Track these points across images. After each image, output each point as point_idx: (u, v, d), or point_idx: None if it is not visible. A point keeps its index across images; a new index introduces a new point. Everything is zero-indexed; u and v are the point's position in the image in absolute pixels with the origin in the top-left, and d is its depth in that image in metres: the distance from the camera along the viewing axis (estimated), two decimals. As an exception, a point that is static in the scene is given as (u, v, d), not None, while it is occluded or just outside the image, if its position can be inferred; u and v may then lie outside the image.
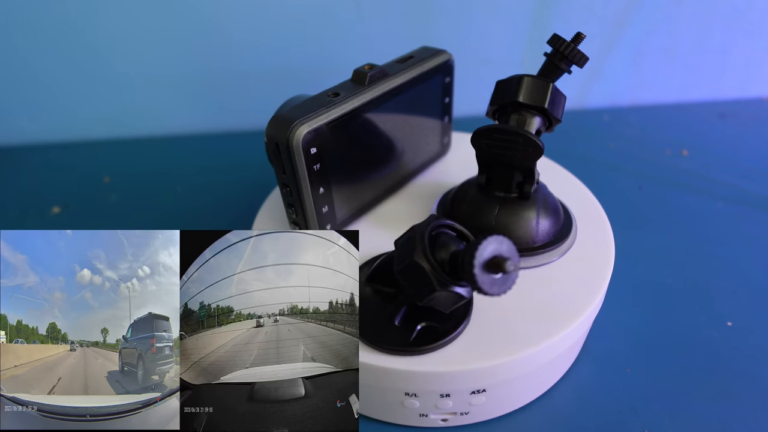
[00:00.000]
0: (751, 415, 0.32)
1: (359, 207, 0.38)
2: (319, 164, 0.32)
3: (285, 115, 0.31)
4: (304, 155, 0.31)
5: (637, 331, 0.37)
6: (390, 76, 0.35)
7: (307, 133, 0.30)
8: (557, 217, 0.35)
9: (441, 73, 0.39)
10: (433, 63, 0.38)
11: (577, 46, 0.31)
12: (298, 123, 0.30)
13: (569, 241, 0.35)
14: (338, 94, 0.33)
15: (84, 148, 0.66)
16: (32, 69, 0.61)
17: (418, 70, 0.37)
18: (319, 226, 0.35)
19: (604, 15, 0.61)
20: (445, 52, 0.39)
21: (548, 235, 0.34)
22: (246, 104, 0.66)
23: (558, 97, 0.32)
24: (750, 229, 0.46)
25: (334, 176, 0.34)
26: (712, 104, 0.68)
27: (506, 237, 0.23)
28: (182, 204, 0.54)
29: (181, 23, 0.59)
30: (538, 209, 0.33)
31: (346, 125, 0.33)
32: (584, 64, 0.31)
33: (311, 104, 0.32)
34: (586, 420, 0.32)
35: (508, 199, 0.34)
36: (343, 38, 0.61)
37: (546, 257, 0.33)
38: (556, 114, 0.32)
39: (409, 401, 0.30)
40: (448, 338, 0.28)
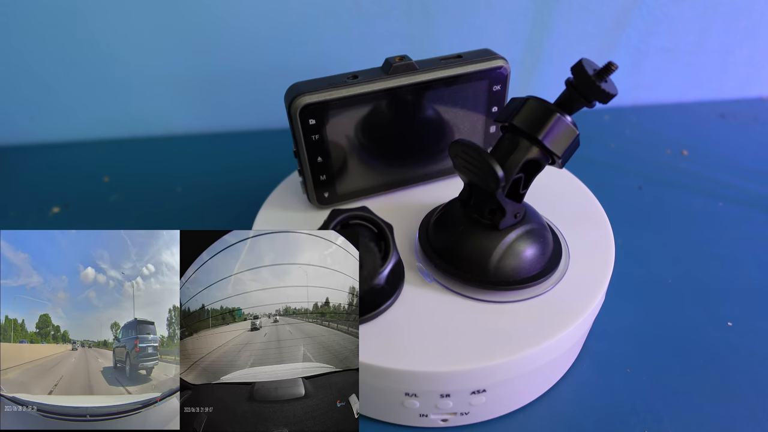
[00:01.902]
0: (751, 415, 0.32)
1: (363, 188, 0.39)
2: (318, 135, 0.35)
3: (297, 86, 0.34)
4: (301, 124, 0.34)
5: (637, 331, 0.37)
6: (417, 71, 0.34)
7: (307, 104, 0.33)
8: (532, 258, 0.31)
9: (487, 80, 0.36)
10: (476, 67, 0.35)
11: (603, 80, 0.27)
12: (303, 94, 0.33)
13: (538, 287, 0.31)
14: (357, 76, 0.34)
15: (84, 148, 0.66)
16: (32, 69, 0.61)
17: (454, 71, 0.35)
18: (316, 194, 0.38)
19: (604, 15, 0.61)
20: (500, 59, 0.36)
21: (512, 273, 0.31)
22: (246, 104, 0.66)
23: (563, 130, 0.28)
24: (750, 229, 0.46)
25: (334, 150, 0.36)
26: (713, 104, 0.68)
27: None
28: (182, 204, 0.54)
29: (181, 23, 0.59)
30: (505, 244, 0.30)
31: (353, 106, 0.34)
32: (608, 100, 0.27)
33: (326, 81, 0.34)
34: (586, 420, 0.32)
35: (479, 223, 0.31)
36: (343, 38, 0.61)
37: (499, 296, 0.31)
38: (554, 149, 0.28)
39: (409, 401, 0.30)
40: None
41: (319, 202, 0.38)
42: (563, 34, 0.62)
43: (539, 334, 0.29)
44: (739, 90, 0.69)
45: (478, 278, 0.31)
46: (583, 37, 0.63)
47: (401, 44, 0.61)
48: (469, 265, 0.31)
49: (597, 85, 0.26)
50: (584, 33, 0.62)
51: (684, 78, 0.68)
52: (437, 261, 0.32)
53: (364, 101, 0.34)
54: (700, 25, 0.63)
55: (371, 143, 0.37)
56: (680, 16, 0.62)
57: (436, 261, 0.32)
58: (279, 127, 0.68)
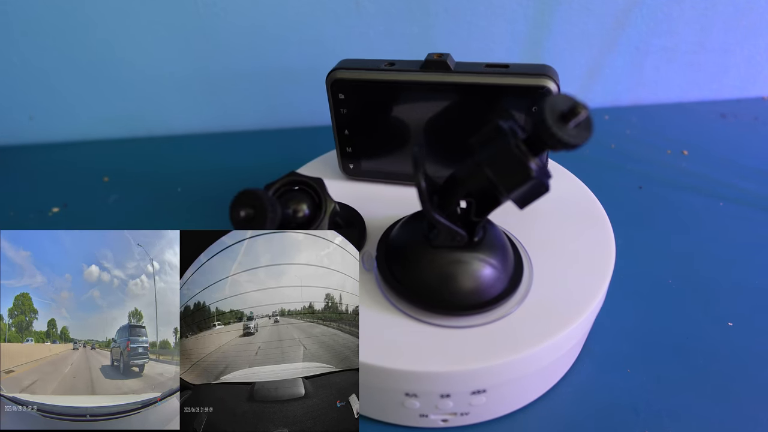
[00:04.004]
0: (751, 415, 0.32)
1: (386, 172, 0.40)
2: (346, 110, 0.37)
3: (343, 62, 0.37)
4: (332, 96, 0.37)
5: (637, 331, 0.37)
6: (449, 72, 0.34)
7: (338, 79, 0.36)
8: (481, 284, 0.29)
9: (526, 98, 0.33)
10: (515, 81, 0.32)
11: (566, 125, 0.22)
12: (339, 69, 0.36)
13: (495, 312, 0.29)
14: (393, 64, 0.35)
15: (84, 148, 0.66)
16: (32, 69, 0.61)
17: (488, 80, 0.33)
18: (342, 164, 0.41)
19: (604, 15, 0.61)
20: (546, 78, 0.32)
21: (463, 297, 0.29)
22: (246, 104, 0.66)
23: (534, 192, 0.25)
24: (751, 229, 0.46)
25: (360, 127, 0.38)
26: (713, 104, 0.68)
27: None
28: (182, 204, 0.54)
29: (181, 23, 0.59)
30: (453, 266, 0.29)
31: (379, 91, 0.36)
32: (574, 149, 0.23)
33: (364, 63, 0.36)
34: (587, 420, 0.32)
35: (428, 243, 0.30)
36: (343, 38, 0.61)
37: (452, 321, 0.29)
38: (518, 203, 0.25)
39: (409, 401, 0.30)
40: None
41: (345, 171, 0.41)
42: (563, 34, 0.62)
43: (539, 334, 0.29)
44: (740, 90, 0.69)
45: (427, 301, 0.29)
46: (583, 37, 0.63)
47: (401, 44, 0.61)
48: (417, 287, 0.29)
49: (553, 133, 0.22)
50: (584, 33, 0.62)
51: (684, 78, 0.68)
52: (393, 283, 0.31)
53: (391, 89, 0.36)
54: (700, 25, 0.63)
55: (395, 131, 0.38)
56: (680, 15, 0.62)
57: (391, 283, 0.31)
58: (279, 127, 0.68)
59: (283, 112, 0.67)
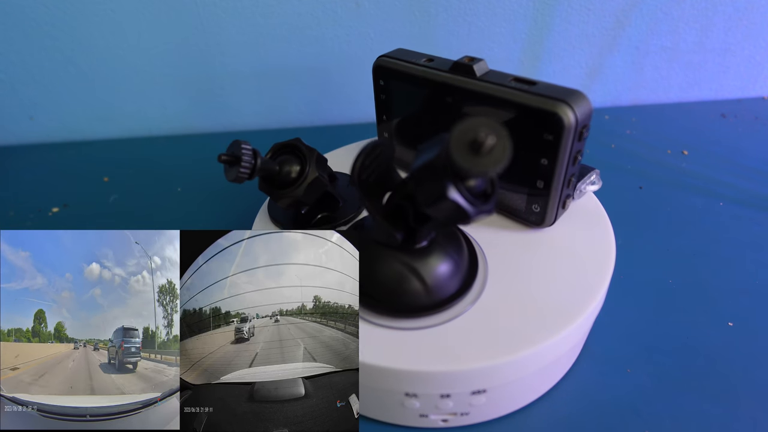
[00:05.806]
0: (751, 415, 0.32)
1: (406, 163, 0.41)
2: (385, 96, 0.40)
3: (393, 51, 0.39)
4: (374, 80, 0.40)
5: (637, 331, 0.37)
6: (472, 78, 0.33)
7: (378, 66, 0.39)
8: (427, 287, 0.29)
9: (541, 128, 0.30)
10: (530, 101, 0.30)
11: (476, 155, 0.21)
12: (384, 57, 0.38)
13: (445, 314, 0.29)
14: (432, 60, 0.36)
15: (84, 148, 0.66)
16: (32, 69, 0.61)
17: (503, 94, 0.31)
18: None
19: (604, 15, 0.61)
20: (563, 104, 0.29)
21: (407, 300, 0.29)
22: (246, 104, 0.66)
23: (430, 175, 0.23)
24: (751, 229, 0.46)
25: (396, 114, 0.41)
26: (713, 104, 0.68)
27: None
28: (182, 204, 0.54)
29: (181, 23, 0.59)
30: (398, 267, 0.29)
31: (411, 84, 0.37)
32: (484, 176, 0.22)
33: (408, 55, 0.38)
34: (587, 420, 0.32)
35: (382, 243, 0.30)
36: (343, 38, 0.61)
37: (400, 323, 0.29)
38: (418, 193, 0.24)
39: (409, 401, 0.30)
40: None
41: None
42: (563, 34, 0.62)
43: (539, 334, 0.29)
44: (740, 90, 0.69)
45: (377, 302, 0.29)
46: (583, 37, 0.63)
47: (401, 44, 0.61)
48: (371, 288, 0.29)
49: (453, 161, 0.21)
50: (584, 33, 0.62)
51: (684, 78, 0.68)
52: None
53: (420, 84, 0.36)
54: (700, 25, 0.63)
55: (419, 124, 0.39)
56: (680, 15, 0.62)
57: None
58: (279, 127, 0.68)
59: (283, 112, 0.67)
